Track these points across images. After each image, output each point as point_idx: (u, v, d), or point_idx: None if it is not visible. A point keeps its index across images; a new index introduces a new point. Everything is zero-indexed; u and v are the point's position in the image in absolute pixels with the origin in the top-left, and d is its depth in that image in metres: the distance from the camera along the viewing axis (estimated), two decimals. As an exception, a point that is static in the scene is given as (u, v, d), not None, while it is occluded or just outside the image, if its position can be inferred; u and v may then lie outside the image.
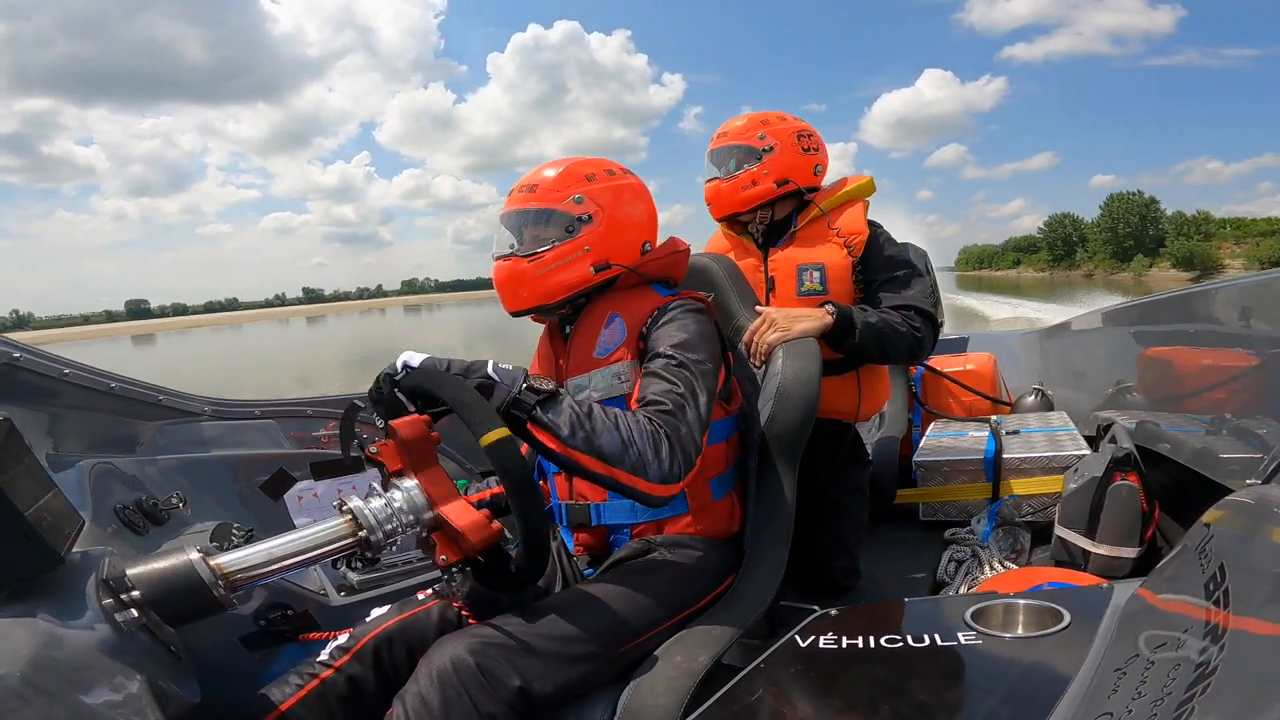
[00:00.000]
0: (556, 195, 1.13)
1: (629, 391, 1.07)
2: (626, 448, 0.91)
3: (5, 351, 1.16)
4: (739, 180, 1.59)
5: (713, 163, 1.65)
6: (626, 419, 0.93)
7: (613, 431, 0.91)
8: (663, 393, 0.98)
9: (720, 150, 1.63)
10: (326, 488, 1.65)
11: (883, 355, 1.42)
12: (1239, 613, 0.47)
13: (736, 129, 1.63)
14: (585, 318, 1.16)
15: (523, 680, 0.80)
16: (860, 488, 1.61)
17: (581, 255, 1.12)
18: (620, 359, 1.09)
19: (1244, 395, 1.25)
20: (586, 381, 1.11)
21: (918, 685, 0.69)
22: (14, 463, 0.65)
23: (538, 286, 1.12)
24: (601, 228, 1.13)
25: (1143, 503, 1.35)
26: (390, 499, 0.83)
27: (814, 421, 1.15)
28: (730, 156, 1.61)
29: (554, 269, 1.11)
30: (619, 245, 1.15)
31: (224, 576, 0.74)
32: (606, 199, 1.14)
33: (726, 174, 1.60)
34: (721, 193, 1.60)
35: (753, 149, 1.60)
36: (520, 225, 1.15)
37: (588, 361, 1.12)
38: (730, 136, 1.63)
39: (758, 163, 1.59)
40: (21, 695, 0.51)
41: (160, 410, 1.55)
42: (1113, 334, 2.20)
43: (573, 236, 1.12)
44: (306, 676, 0.92)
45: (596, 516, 1.10)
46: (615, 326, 1.12)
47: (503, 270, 1.15)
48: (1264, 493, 0.70)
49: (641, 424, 0.93)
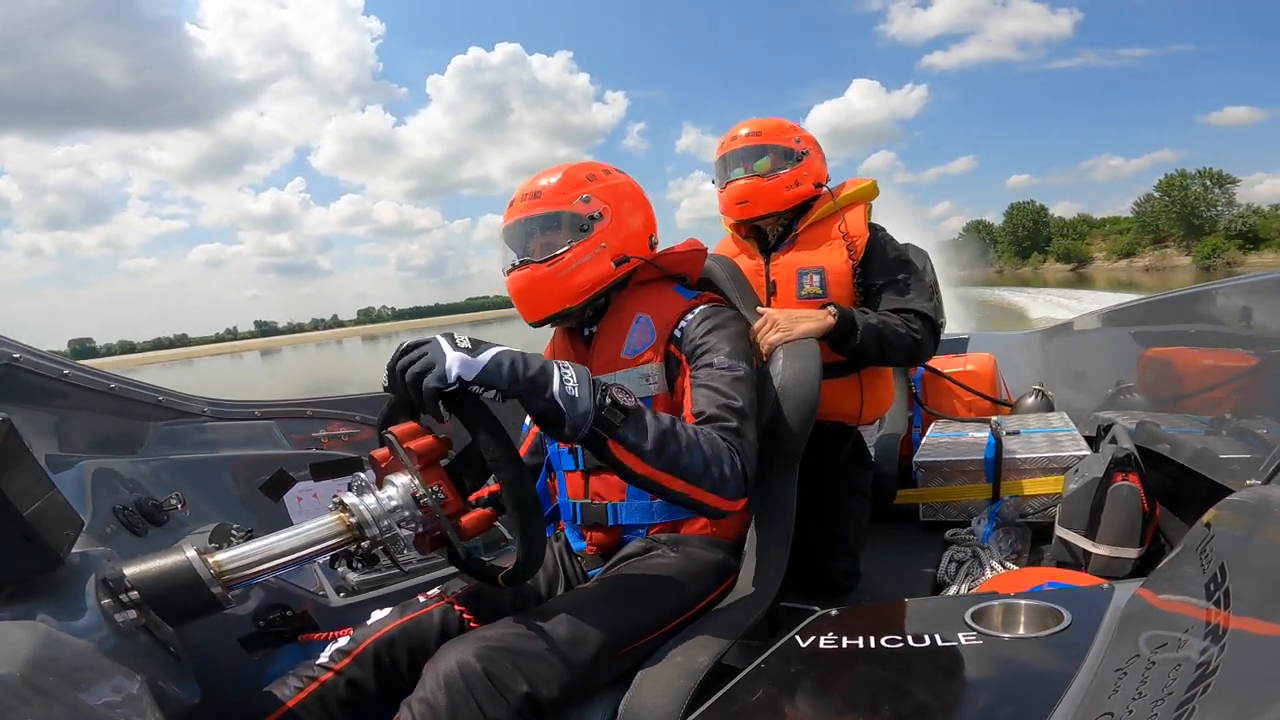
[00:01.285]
0: (563, 198, 1.13)
1: (656, 394, 1.08)
2: (709, 466, 0.92)
3: (5, 352, 1.16)
4: (783, 180, 1.59)
5: (736, 161, 1.63)
6: (704, 435, 0.94)
7: (696, 449, 0.92)
8: (726, 408, 1.00)
9: (750, 149, 1.62)
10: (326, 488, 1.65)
11: (883, 357, 1.42)
12: (1239, 613, 0.47)
13: (769, 129, 1.64)
14: (610, 317, 1.16)
15: (530, 685, 0.80)
16: (862, 489, 1.61)
17: (600, 252, 1.13)
18: (649, 361, 1.10)
19: (1244, 395, 1.25)
20: (612, 381, 1.11)
21: (918, 685, 0.69)
22: (13, 463, 0.65)
23: (562, 289, 1.12)
24: (612, 224, 1.14)
25: (1143, 503, 1.35)
26: (386, 495, 0.82)
27: (815, 423, 1.15)
28: (762, 154, 1.61)
29: (575, 269, 1.11)
30: (630, 239, 1.16)
31: (221, 574, 0.74)
32: (611, 196, 1.16)
33: (766, 173, 1.59)
34: (764, 190, 1.58)
35: (791, 151, 1.62)
36: (529, 233, 1.14)
37: (615, 361, 1.12)
38: (765, 136, 1.63)
39: (797, 164, 1.60)
40: (21, 695, 0.51)
41: (160, 411, 1.55)
42: (1113, 334, 2.20)
43: (588, 235, 1.12)
44: (306, 679, 0.92)
45: (614, 517, 1.11)
46: (644, 328, 1.12)
47: (520, 280, 1.13)
48: (1264, 493, 0.70)
49: (716, 441, 0.95)
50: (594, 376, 0.91)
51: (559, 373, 0.86)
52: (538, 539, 0.85)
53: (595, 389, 0.88)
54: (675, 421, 0.93)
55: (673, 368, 1.10)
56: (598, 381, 0.90)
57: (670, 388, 1.10)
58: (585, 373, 0.89)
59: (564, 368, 0.87)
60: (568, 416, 0.85)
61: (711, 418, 0.99)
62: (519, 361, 0.85)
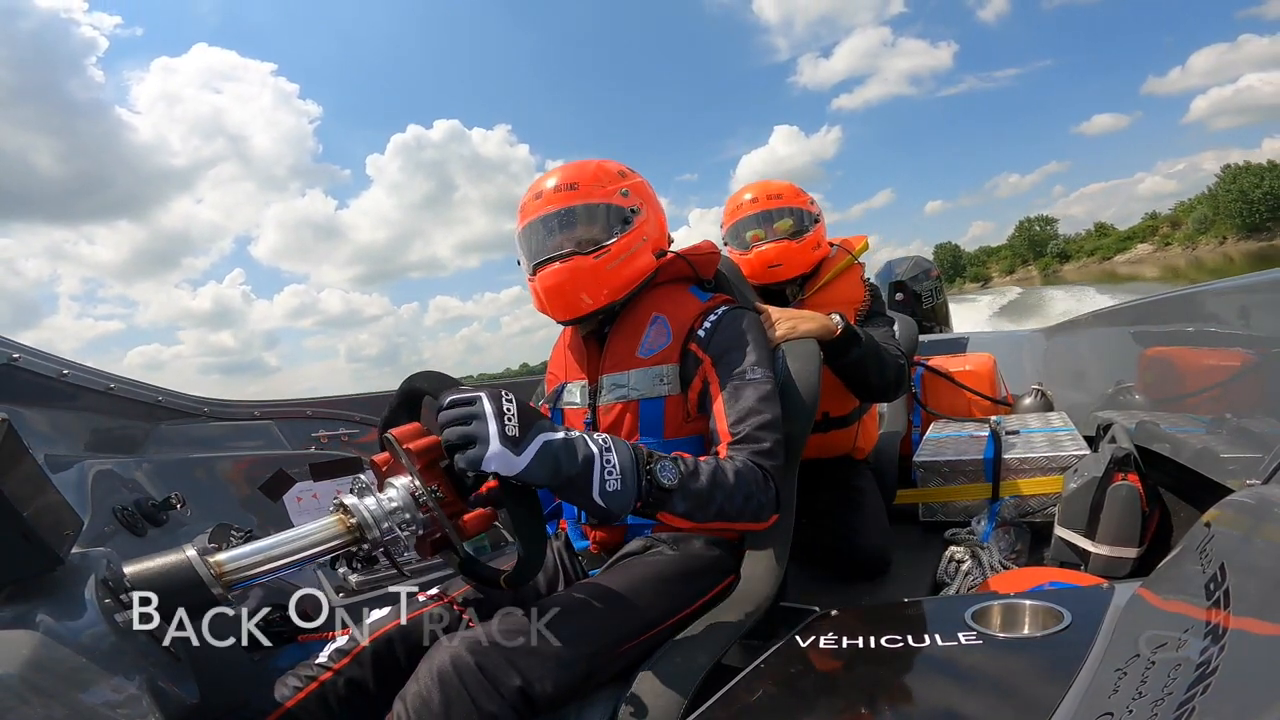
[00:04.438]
0: (604, 190, 1.13)
1: (669, 394, 1.09)
2: (748, 502, 0.95)
3: (4, 352, 1.16)
4: (809, 241, 1.65)
5: (757, 223, 1.67)
6: (742, 472, 0.96)
7: (735, 494, 0.94)
8: (762, 426, 1.01)
9: (773, 211, 1.66)
10: (326, 489, 1.65)
11: (879, 373, 1.45)
12: (1239, 613, 0.47)
13: (789, 191, 1.69)
14: (626, 317, 1.16)
15: (523, 680, 0.80)
16: (866, 482, 1.69)
17: (643, 244, 1.14)
18: (664, 361, 1.10)
19: (1244, 395, 1.25)
20: (625, 380, 1.11)
21: (918, 685, 0.69)
22: (13, 463, 0.65)
23: (611, 280, 1.11)
24: (648, 219, 1.15)
25: (1143, 503, 1.35)
26: (386, 496, 0.82)
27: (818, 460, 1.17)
28: (784, 218, 1.65)
29: (623, 260, 1.11)
30: (660, 235, 1.18)
31: (221, 574, 0.74)
32: (643, 193, 1.17)
33: (790, 234, 1.64)
34: (794, 252, 1.63)
35: (809, 214, 1.67)
36: (566, 225, 1.12)
37: (629, 359, 1.12)
38: (786, 199, 1.67)
39: (816, 226, 1.67)
40: (21, 695, 0.51)
41: (160, 411, 1.55)
42: (1113, 334, 2.20)
43: (630, 228, 1.12)
44: (305, 679, 0.92)
45: None
46: (660, 328, 1.12)
47: (560, 273, 1.09)
48: (1264, 493, 0.70)
49: (755, 472, 0.97)
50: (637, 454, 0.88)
51: (600, 467, 0.84)
52: (539, 540, 0.85)
53: (639, 475, 0.87)
54: (715, 474, 0.93)
55: (689, 368, 1.10)
56: (641, 460, 0.88)
57: (684, 388, 1.10)
58: (628, 456, 0.87)
59: (606, 453, 0.85)
60: (610, 513, 0.86)
61: (747, 438, 1.01)
62: (562, 456, 0.82)
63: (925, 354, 2.63)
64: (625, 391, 1.11)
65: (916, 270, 4.07)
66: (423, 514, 0.83)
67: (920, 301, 3.97)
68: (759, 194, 1.69)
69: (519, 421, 0.79)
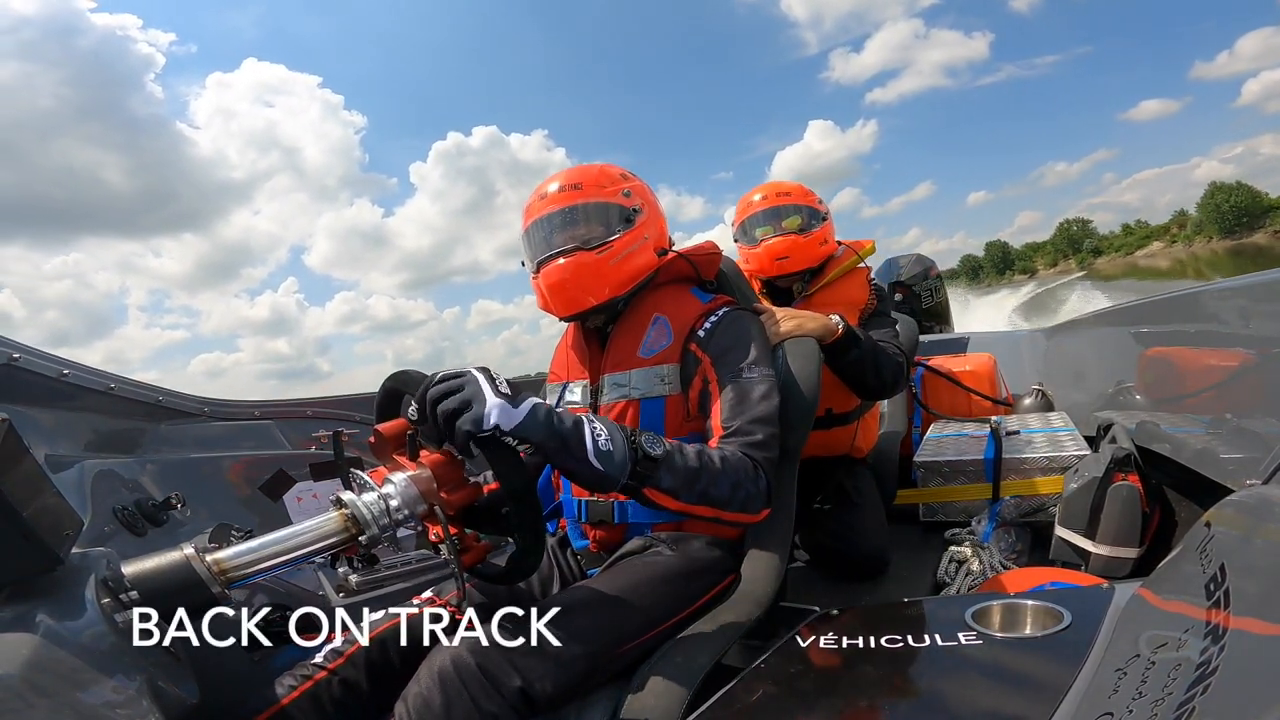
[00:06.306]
0: (607, 191, 1.15)
1: (670, 394, 1.09)
2: (735, 490, 0.95)
3: (4, 352, 1.16)
4: (816, 236, 1.68)
5: (766, 220, 1.70)
6: (730, 460, 0.96)
7: (722, 478, 0.94)
8: (755, 420, 1.02)
9: (781, 208, 1.69)
10: (326, 488, 1.65)
11: (875, 373, 1.46)
12: (1239, 613, 0.47)
13: (798, 191, 1.73)
14: (628, 316, 1.17)
15: (523, 680, 0.80)
16: (865, 483, 1.69)
17: (645, 242, 1.16)
18: (665, 361, 1.11)
19: (1244, 395, 1.25)
20: (626, 379, 1.12)
21: (918, 685, 0.68)
22: (13, 463, 0.65)
23: (613, 276, 1.12)
24: (649, 219, 1.17)
25: (1143, 503, 1.35)
26: (384, 493, 0.82)
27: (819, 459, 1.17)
28: (793, 214, 1.68)
29: (625, 257, 1.13)
30: (661, 236, 1.20)
31: (220, 572, 0.74)
32: (645, 195, 1.19)
33: (798, 230, 1.67)
34: (801, 246, 1.66)
35: (816, 211, 1.71)
36: (571, 222, 1.14)
37: (630, 359, 1.13)
38: (795, 197, 1.71)
39: (823, 223, 1.70)
40: (21, 695, 0.51)
41: (160, 411, 1.55)
42: (1113, 334, 2.20)
43: (632, 226, 1.14)
44: (300, 678, 0.92)
45: (620, 515, 1.11)
46: (661, 328, 1.13)
47: (565, 269, 1.11)
48: (1264, 493, 0.70)
49: (744, 462, 0.97)
50: (622, 427, 0.91)
51: (590, 430, 0.85)
52: (539, 534, 0.86)
53: (628, 444, 0.88)
54: (701, 454, 0.94)
55: (690, 367, 1.10)
56: (627, 432, 0.90)
57: (684, 388, 1.10)
58: (614, 425, 0.90)
59: (592, 422, 0.87)
60: (605, 475, 0.86)
61: (739, 431, 1.01)
62: (554, 416, 0.83)
63: (925, 354, 2.63)
64: (626, 391, 1.11)
65: (917, 269, 4.06)
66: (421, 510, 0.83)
67: (920, 301, 3.97)
68: (768, 193, 1.74)
69: (509, 386, 0.82)
